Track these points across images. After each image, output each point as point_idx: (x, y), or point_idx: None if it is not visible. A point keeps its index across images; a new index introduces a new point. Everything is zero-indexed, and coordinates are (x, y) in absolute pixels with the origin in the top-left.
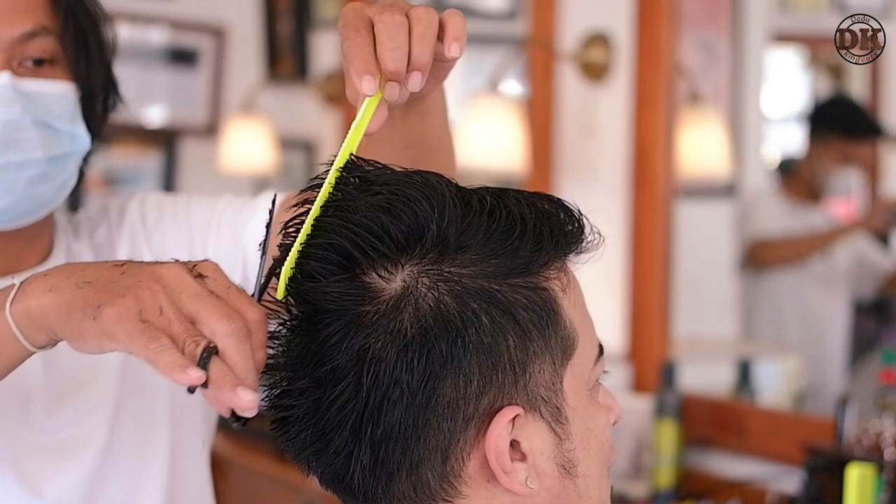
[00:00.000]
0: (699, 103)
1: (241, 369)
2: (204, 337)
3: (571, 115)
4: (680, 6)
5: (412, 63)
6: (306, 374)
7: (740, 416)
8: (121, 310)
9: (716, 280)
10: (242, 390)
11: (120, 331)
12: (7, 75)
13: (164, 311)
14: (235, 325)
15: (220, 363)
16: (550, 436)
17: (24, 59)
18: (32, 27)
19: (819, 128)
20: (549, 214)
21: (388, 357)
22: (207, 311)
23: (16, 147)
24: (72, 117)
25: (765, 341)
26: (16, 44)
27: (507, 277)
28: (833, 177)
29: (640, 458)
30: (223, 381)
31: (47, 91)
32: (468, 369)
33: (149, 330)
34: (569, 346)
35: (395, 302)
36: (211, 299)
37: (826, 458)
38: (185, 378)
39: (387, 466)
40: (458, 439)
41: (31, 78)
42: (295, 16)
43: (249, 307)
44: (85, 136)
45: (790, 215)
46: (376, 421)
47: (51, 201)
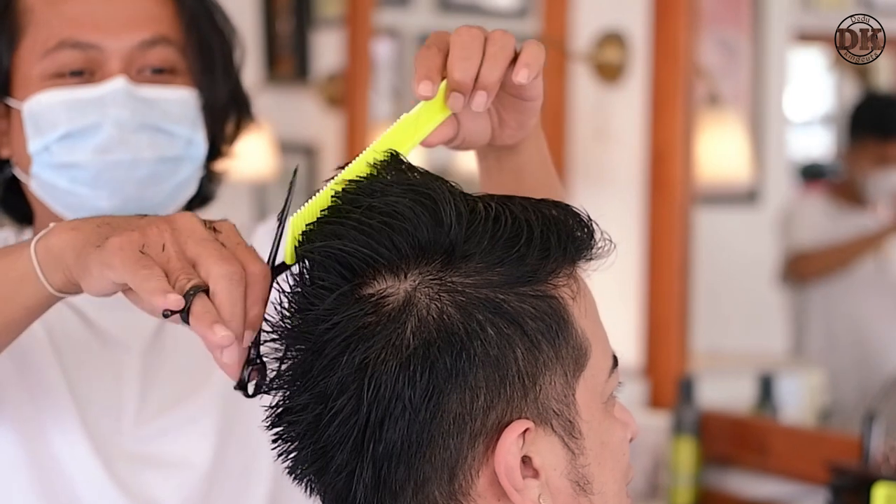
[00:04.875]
0: (718, 105)
1: (227, 311)
2: (197, 276)
3: (585, 117)
4: (698, 4)
5: (479, 81)
6: (307, 388)
7: (762, 434)
8: (124, 240)
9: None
10: (219, 326)
11: (118, 259)
12: (122, 80)
13: (166, 248)
14: (231, 267)
15: (206, 301)
16: (564, 451)
17: (144, 67)
18: (152, 36)
19: (854, 130)
20: (556, 220)
21: (389, 371)
22: (207, 254)
23: (124, 147)
24: (192, 123)
25: (787, 355)
26: (135, 52)
27: (514, 286)
28: (873, 179)
29: (656, 477)
30: (203, 315)
31: (164, 97)
32: (474, 383)
33: (144, 259)
34: (581, 356)
35: (397, 313)
36: (216, 244)
37: (852, 478)
38: (163, 301)
39: (390, 485)
40: (466, 456)
41: (150, 84)
42: (295, 14)
43: (252, 260)
44: (203, 143)
45: (836, 221)
46: (378, 437)
47: (160, 206)
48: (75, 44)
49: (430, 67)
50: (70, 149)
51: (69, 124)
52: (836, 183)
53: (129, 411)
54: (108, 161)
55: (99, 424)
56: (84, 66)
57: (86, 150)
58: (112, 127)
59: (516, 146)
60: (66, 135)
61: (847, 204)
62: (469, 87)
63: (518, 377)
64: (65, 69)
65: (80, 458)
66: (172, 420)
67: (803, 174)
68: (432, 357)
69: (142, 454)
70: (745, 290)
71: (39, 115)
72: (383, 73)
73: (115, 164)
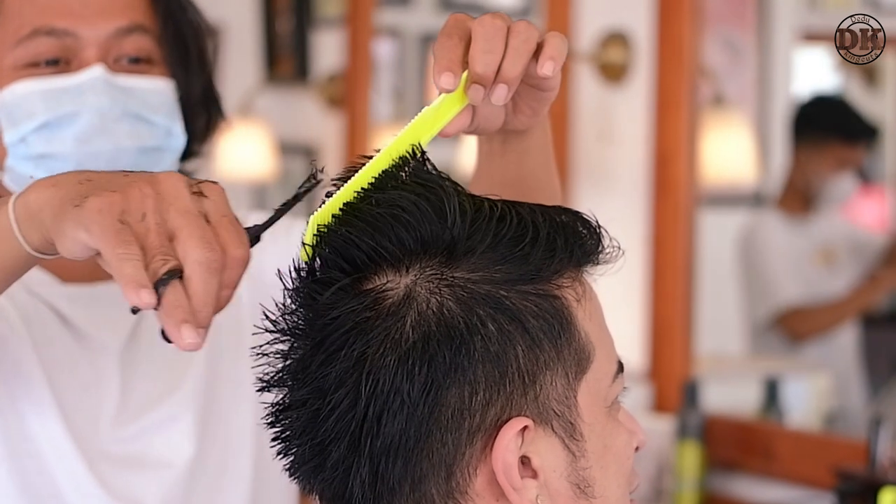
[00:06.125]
0: (724, 106)
1: (199, 301)
2: (174, 258)
3: (588, 118)
4: (703, 3)
5: (501, 74)
6: (306, 383)
7: (767, 438)
8: (104, 203)
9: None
10: (187, 328)
11: (96, 224)
12: (100, 68)
13: (146, 217)
14: (211, 254)
15: (179, 290)
16: (564, 452)
17: (120, 56)
18: (129, 24)
19: (811, 131)
20: (564, 224)
21: (387, 365)
22: (188, 232)
23: (105, 136)
24: (169, 113)
25: (794, 359)
26: (111, 40)
27: (516, 284)
28: (831, 184)
29: (660, 482)
30: (173, 310)
31: (143, 86)
32: (473, 378)
33: (123, 232)
34: (583, 358)
35: (397, 307)
36: (198, 221)
37: (858, 483)
38: (136, 298)
39: (387, 481)
40: (464, 453)
41: (128, 74)
42: (295, 13)
43: (235, 242)
44: (181, 135)
45: (795, 236)
46: (375, 432)
47: None
48: (50, 31)
49: (451, 59)
50: (48, 139)
51: (47, 114)
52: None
53: (110, 412)
54: (88, 151)
55: (79, 424)
56: (59, 54)
57: (65, 141)
58: (92, 115)
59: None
60: (44, 125)
61: (800, 212)
62: (491, 80)
63: (518, 374)
64: (40, 58)
65: (62, 456)
66: (153, 420)
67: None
68: (431, 351)
69: (124, 455)
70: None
71: (14, 105)
72: (384, 73)
73: (95, 155)
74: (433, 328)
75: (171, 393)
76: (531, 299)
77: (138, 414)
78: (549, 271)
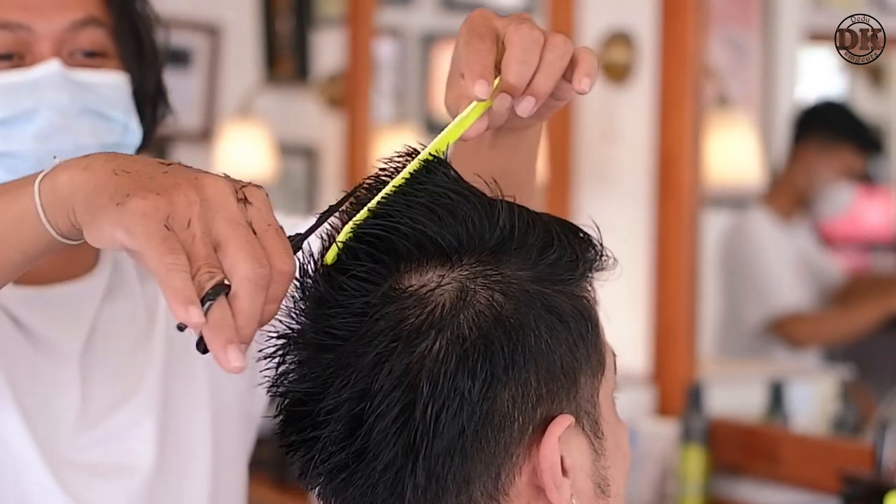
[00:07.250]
0: (728, 106)
1: (245, 318)
2: (220, 271)
3: (591, 119)
4: (707, 3)
5: (532, 87)
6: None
7: (772, 442)
8: (149, 206)
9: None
10: (233, 351)
11: (140, 228)
12: (56, 63)
13: (191, 225)
14: (260, 270)
15: (225, 308)
16: (590, 451)
17: (75, 50)
18: (83, 17)
19: (821, 133)
20: (574, 229)
21: (447, 363)
22: (236, 245)
23: (66, 133)
24: (125, 108)
25: (799, 362)
26: (66, 33)
27: (556, 284)
28: (830, 191)
29: (664, 486)
30: (219, 329)
31: (100, 81)
32: (525, 377)
33: (170, 240)
34: (602, 357)
35: (452, 304)
36: (245, 232)
37: (864, 487)
38: (185, 315)
39: (442, 483)
40: (513, 453)
41: (83, 68)
42: (295, 13)
43: (282, 255)
44: (137, 130)
45: (789, 235)
46: (432, 434)
47: None
48: (3, 24)
49: (485, 65)
50: (6, 137)
51: (4, 111)
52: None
53: (71, 419)
54: (48, 149)
55: (43, 432)
56: (13, 48)
57: (24, 139)
58: (52, 112)
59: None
60: (1, 122)
61: (787, 214)
62: (521, 92)
63: (562, 373)
64: None
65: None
66: (114, 425)
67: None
68: (491, 349)
69: (88, 462)
70: None
71: None
72: (385, 73)
73: (55, 153)
74: (491, 326)
75: (131, 397)
76: (571, 299)
77: (98, 420)
78: (578, 273)
